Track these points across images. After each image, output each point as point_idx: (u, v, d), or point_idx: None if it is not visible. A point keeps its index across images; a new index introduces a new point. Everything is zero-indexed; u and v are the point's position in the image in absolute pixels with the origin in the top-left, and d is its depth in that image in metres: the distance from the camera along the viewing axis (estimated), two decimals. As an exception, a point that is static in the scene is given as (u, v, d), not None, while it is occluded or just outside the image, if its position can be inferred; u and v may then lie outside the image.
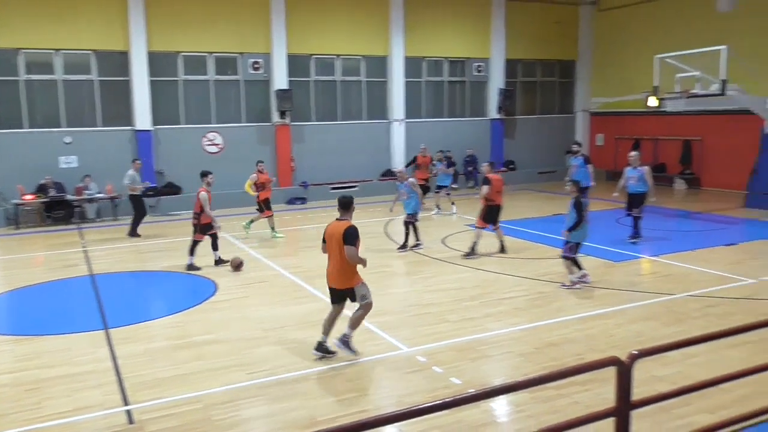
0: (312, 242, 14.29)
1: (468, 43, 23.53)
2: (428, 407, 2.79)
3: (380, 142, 22.48)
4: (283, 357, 7.39)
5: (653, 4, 22.69)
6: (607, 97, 25.00)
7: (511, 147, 24.80)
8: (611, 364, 3.24)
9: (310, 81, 21.35)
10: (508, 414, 5.97)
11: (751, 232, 14.54)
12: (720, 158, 21.02)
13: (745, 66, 16.78)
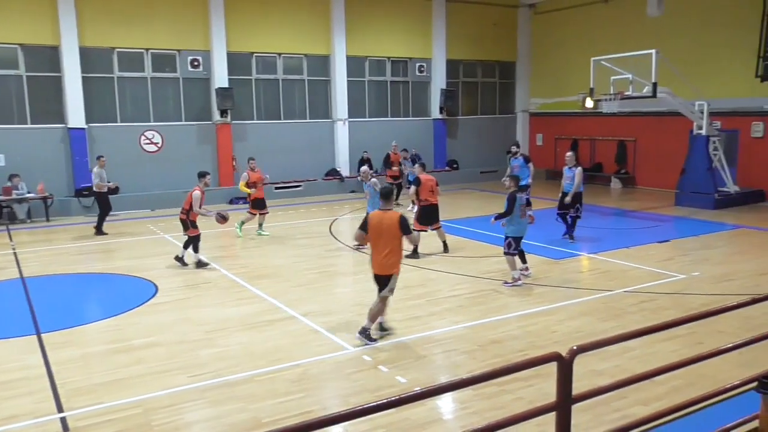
0: (255, 243, 14.14)
1: (410, 44, 23.68)
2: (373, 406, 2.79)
3: (324, 141, 22.38)
4: (226, 359, 7.26)
5: (588, 8, 23.35)
6: (545, 98, 25.62)
7: (453, 146, 25.11)
8: (552, 359, 3.31)
9: (251, 79, 21.06)
10: (453, 411, 6.04)
11: (682, 230, 15.14)
12: (653, 158, 21.81)
13: (673, 69, 17.46)
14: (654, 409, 4.53)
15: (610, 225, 15.92)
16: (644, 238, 13.73)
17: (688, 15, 20.13)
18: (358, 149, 22.45)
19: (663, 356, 6.73)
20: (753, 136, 19.03)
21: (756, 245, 13.09)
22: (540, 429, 4.96)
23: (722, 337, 7.26)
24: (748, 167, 19.08)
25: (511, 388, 6.20)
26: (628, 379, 3.88)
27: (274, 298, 9.66)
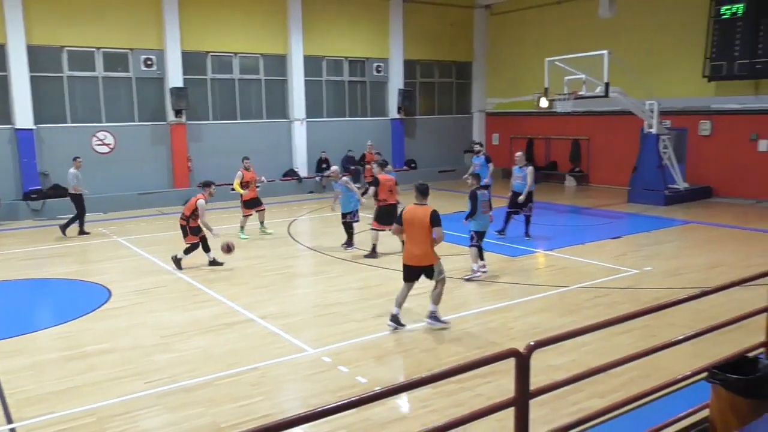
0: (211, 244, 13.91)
1: (367, 43, 23.68)
2: (334, 407, 2.77)
3: (281, 141, 22.19)
4: (183, 364, 7.13)
5: (542, 9, 23.72)
6: (501, 98, 25.94)
7: (411, 146, 25.20)
8: (510, 356, 3.33)
9: (206, 79, 20.75)
10: (414, 410, 6.05)
11: (634, 226, 15.50)
12: (606, 156, 22.29)
13: (625, 70, 17.88)
14: (610, 401, 4.62)
15: (566, 222, 16.21)
16: (598, 235, 14.01)
17: (638, 17, 20.62)
18: (316, 149, 22.35)
19: (618, 349, 6.87)
20: (701, 135, 19.61)
21: (705, 240, 13.49)
22: (499, 424, 5.01)
23: (674, 329, 7.46)
24: (696, 164, 19.66)
25: (470, 385, 6.24)
26: (584, 373, 3.94)
27: (231, 300, 9.53)
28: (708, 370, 4.47)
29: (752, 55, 17.59)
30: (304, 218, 17.18)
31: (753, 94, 18.26)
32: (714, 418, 4.40)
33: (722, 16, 18.26)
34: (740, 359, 4.56)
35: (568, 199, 20.12)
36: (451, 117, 26.65)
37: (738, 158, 18.68)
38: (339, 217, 12.99)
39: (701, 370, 4.57)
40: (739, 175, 18.66)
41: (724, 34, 18.26)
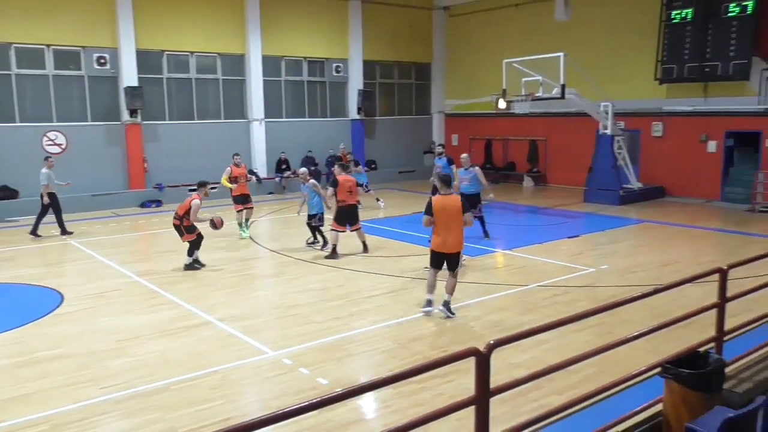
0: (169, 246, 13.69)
1: (326, 44, 23.61)
2: (295, 409, 2.74)
3: (240, 142, 21.88)
4: (139, 368, 6.99)
5: (499, 11, 24.01)
6: (460, 99, 26.15)
7: (372, 147, 25.22)
8: (470, 355, 3.35)
9: (162, 78, 20.39)
10: (375, 410, 6.05)
11: (590, 225, 15.81)
12: (562, 157, 22.68)
13: (580, 72, 18.23)
14: (568, 397, 4.69)
15: (524, 222, 16.44)
16: (556, 234, 14.24)
17: (593, 20, 21.05)
18: (276, 150, 22.18)
19: (576, 346, 6.99)
20: (653, 136, 20.12)
21: (658, 238, 13.84)
22: (460, 423, 5.05)
23: (629, 326, 7.61)
24: (649, 165, 20.16)
25: (431, 384, 6.27)
26: (543, 370, 3.99)
27: (190, 303, 9.38)
28: (661, 366, 4.58)
29: (701, 59, 18.13)
30: (264, 219, 17.02)
31: (702, 97, 18.83)
32: (667, 412, 4.51)
33: (672, 21, 18.78)
34: (692, 354, 4.69)
35: (526, 199, 20.41)
36: (411, 118, 26.76)
37: (689, 159, 19.23)
38: (299, 219, 12.92)
39: (655, 365, 4.69)
40: (690, 175, 19.21)
41: (674, 38, 18.78)
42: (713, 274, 5.11)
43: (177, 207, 11.57)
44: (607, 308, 4.37)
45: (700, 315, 5.18)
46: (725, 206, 17.98)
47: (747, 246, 12.81)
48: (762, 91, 17.54)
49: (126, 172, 19.65)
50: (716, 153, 18.77)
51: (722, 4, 17.66)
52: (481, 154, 25.44)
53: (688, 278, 5.07)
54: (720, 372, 4.59)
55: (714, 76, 18.06)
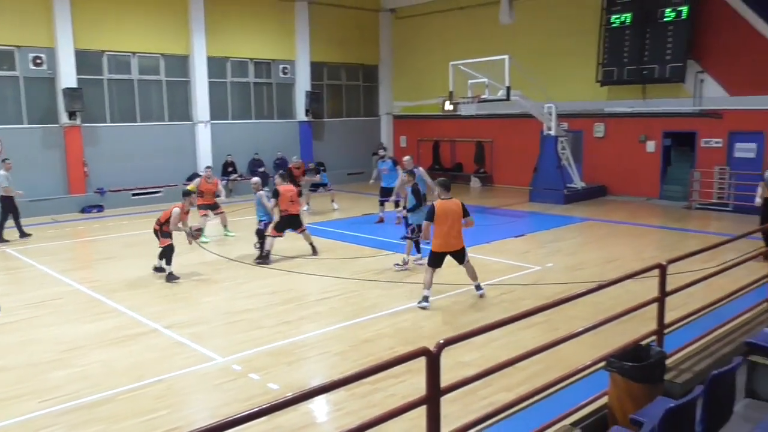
0: (111, 253, 13.32)
1: (273, 45, 23.38)
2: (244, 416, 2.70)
3: (184, 144, 21.52)
4: (82, 379, 6.76)
5: (445, 14, 24.24)
6: (408, 101, 26.29)
7: (319, 149, 25.08)
8: (421, 355, 3.36)
9: (103, 79, 19.81)
10: (327, 413, 6.02)
11: (536, 224, 16.11)
12: (508, 158, 23.05)
13: (525, 74, 18.57)
14: (517, 394, 4.77)
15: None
16: (503, 233, 14.45)
17: (537, 24, 21.47)
18: (222, 152, 21.83)
19: (524, 343, 7.08)
20: (595, 136, 20.66)
21: (601, 236, 14.21)
22: (412, 423, 5.06)
23: (575, 322, 7.78)
24: (591, 165, 20.69)
25: (383, 385, 6.27)
26: (492, 368, 4.04)
27: (134, 311, 9.14)
28: (606, 359, 4.70)
29: (639, 62, 18.72)
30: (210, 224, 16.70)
31: (641, 98, 19.44)
32: (612, 404, 4.63)
33: (612, 25, 19.32)
34: (635, 347, 4.83)
35: (473, 199, 20.63)
36: (359, 120, 26.76)
37: (629, 158, 19.82)
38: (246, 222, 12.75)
39: (600, 359, 4.80)
40: (631, 175, 19.79)
41: (614, 41, 19.32)
42: (653, 270, 5.27)
43: (160, 215, 11.24)
44: (553, 305, 4.45)
45: (642, 309, 5.33)
46: (664, 204, 18.61)
47: (685, 242, 13.28)
48: (696, 92, 18.23)
49: (65, 176, 19.02)
50: (655, 153, 19.41)
51: (659, 9, 18.28)
52: (429, 155, 25.64)
53: (630, 274, 5.21)
54: (661, 364, 4.74)
55: (652, 78, 18.67)
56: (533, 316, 4.40)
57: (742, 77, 17.32)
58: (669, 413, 3.46)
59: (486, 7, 22.48)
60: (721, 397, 4.01)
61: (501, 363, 4.10)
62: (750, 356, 5.37)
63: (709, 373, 3.98)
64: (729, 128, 17.69)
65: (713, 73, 17.93)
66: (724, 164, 17.74)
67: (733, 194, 17.28)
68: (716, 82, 17.91)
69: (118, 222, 17.11)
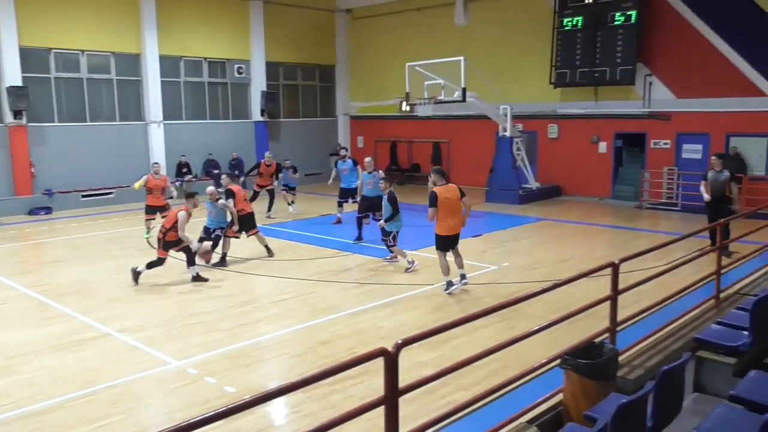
0: (60, 256, 12.95)
1: (227, 44, 23.07)
2: (201, 420, 2.64)
3: (137, 145, 21.04)
4: (29, 386, 6.54)
5: (401, 15, 24.32)
6: (365, 102, 26.29)
7: (276, 149, 24.71)
8: (379, 355, 3.36)
9: (50, 78, 19.22)
10: (285, 416, 5.96)
11: (493, 224, 16.28)
12: (465, 158, 23.25)
13: (480, 76, 18.77)
14: (474, 392, 4.81)
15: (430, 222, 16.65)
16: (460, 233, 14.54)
17: (490, 26, 21.73)
18: (176, 153, 21.44)
19: (481, 342, 7.17)
20: (549, 137, 21.02)
21: (556, 235, 14.46)
22: (371, 424, 5.05)
23: (531, 320, 7.92)
24: (546, 165, 21.04)
25: (341, 387, 6.25)
26: (450, 367, 4.06)
27: (85, 315, 8.90)
28: (561, 357, 4.78)
29: (591, 64, 19.13)
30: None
31: (593, 100, 19.87)
32: (567, 401, 4.71)
33: (564, 28, 19.69)
34: (588, 345, 4.92)
35: (430, 199, 20.73)
36: (316, 120, 26.63)
37: (582, 159, 20.23)
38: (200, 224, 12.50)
39: (555, 357, 4.88)
40: (584, 175, 20.20)
41: (566, 44, 19.69)
42: (606, 268, 5.38)
43: (163, 220, 10.80)
44: (510, 304, 4.50)
45: (595, 307, 5.44)
46: (616, 204, 19.05)
47: (636, 241, 13.62)
48: (646, 95, 18.73)
49: (11, 177, 18.39)
50: (607, 153, 19.86)
51: (609, 12, 18.71)
52: (387, 155, 25.70)
53: (584, 273, 5.31)
54: (614, 361, 4.84)
55: (603, 80, 19.09)
56: (490, 315, 4.44)
57: (688, 80, 17.87)
58: (621, 409, 3.53)
59: (442, 8, 22.65)
60: (671, 392, 4.12)
61: (459, 362, 4.12)
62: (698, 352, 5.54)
63: (660, 368, 4.09)
64: (677, 130, 18.24)
65: (661, 76, 18.45)
66: (673, 165, 18.27)
67: (681, 194, 17.81)
68: (664, 85, 18.43)
69: (68, 224, 16.65)
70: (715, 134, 17.46)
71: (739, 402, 4.34)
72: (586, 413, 4.21)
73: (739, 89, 16.93)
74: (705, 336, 5.62)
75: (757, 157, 16.98)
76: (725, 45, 17.16)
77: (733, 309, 6.36)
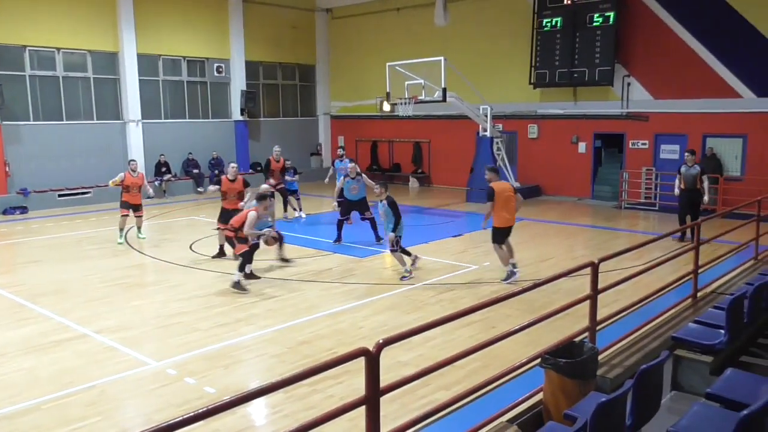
0: (36, 256, 12.76)
1: (206, 43, 22.90)
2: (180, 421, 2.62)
3: (115, 144, 20.81)
4: (4, 389, 6.43)
5: (381, 15, 24.33)
6: (345, 102, 26.25)
7: (256, 149, 24.71)
8: (359, 355, 3.35)
9: (25, 75, 18.93)
10: (265, 416, 5.93)
11: (473, 224, 16.31)
12: (446, 158, 23.32)
13: (460, 76, 18.84)
14: (455, 392, 4.81)
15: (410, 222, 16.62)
16: (440, 233, 14.62)
17: (470, 26, 21.81)
18: (155, 152, 21.25)
19: (461, 342, 7.19)
20: (529, 137, 21.15)
21: (535, 235, 14.54)
22: (352, 424, 5.05)
23: (511, 320, 7.96)
24: (526, 165, 21.16)
25: (321, 387, 6.23)
26: (430, 367, 4.06)
27: (61, 316, 8.77)
28: (540, 356, 4.80)
29: (570, 65, 19.28)
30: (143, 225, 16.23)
31: (572, 101, 20.03)
32: (547, 401, 4.73)
33: (544, 28, 19.83)
34: (568, 344, 4.95)
35: (411, 199, 20.78)
36: (296, 119, 26.54)
37: (561, 159, 20.37)
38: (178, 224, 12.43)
39: (535, 356, 4.90)
40: (563, 175, 20.35)
41: (545, 44, 19.83)
42: (585, 268, 5.42)
43: (232, 220, 10.67)
44: (490, 304, 4.51)
45: (575, 306, 5.48)
46: (595, 204, 19.22)
47: (615, 240, 13.75)
48: (624, 95, 18.93)
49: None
50: (586, 154, 20.03)
51: (587, 14, 18.87)
52: (368, 155, 25.68)
53: (563, 272, 5.34)
54: (594, 360, 4.88)
55: (582, 81, 19.25)
56: (470, 314, 4.45)
57: (665, 81, 18.10)
58: (600, 408, 3.56)
59: (422, 8, 22.70)
60: (649, 391, 4.16)
61: (439, 362, 4.13)
62: (676, 350, 5.60)
63: (638, 367, 4.12)
64: (655, 130, 18.45)
65: (639, 77, 18.66)
66: (651, 165, 18.48)
67: (660, 194, 18.02)
68: (642, 86, 18.63)
69: (43, 224, 16.41)
70: (692, 135, 17.69)
71: (716, 400, 4.40)
72: (566, 412, 4.24)
73: (715, 91, 17.18)
74: (682, 335, 5.68)
75: (732, 157, 17.25)
76: (702, 47, 17.40)
77: (710, 308, 6.44)
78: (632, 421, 4.00)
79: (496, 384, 4.89)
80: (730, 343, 5.47)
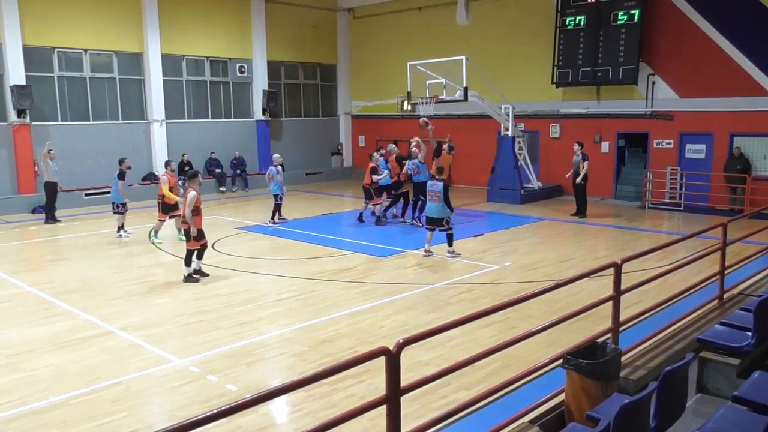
0: (63, 254, 12.98)
1: (229, 43, 23.09)
2: (203, 418, 2.65)
3: (139, 144, 21.08)
4: (33, 384, 6.56)
5: (403, 14, 24.31)
6: (366, 101, 26.28)
7: (278, 148, 24.76)
8: (380, 354, 3.36)
9: (54, 77, 19.24)
10: (287, 414, 5.97)
11: (494, 224, 16.28)
12: (466, 158, 23.19)
13: (481, 75, 18.76)
14: (476, 392, 4.81)
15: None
16: (461, 233, 14.53)
17: (492, 25, 21.70)
18: (178, 152, 21.44)
19: (482, 342, 7.17)
20: (551, 137, 20.99)
21: (557, 235, 14.45)
22: (372, 423, 5.06)
23: (532, 320, 7.92)
24: (548, 165, 21.01)
25: (342, 386, 6.25)
26: (451, 367, 4.06)
27: (88, 313, 8.91)
28: (562, 357, 4.78)
29: (594, 64, 19.10)
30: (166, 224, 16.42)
31: (595, 100, 19.84)
32: (569, 402, 4.70)
33: (567, 27, 19.66)
34: (590, 345, 4.92)
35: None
36: (317, 119, 26.63)
37: (584, 159, 20.16)
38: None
39: (556, 357, 4.88)
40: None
41: (568, 43, 19.66)
42: (608, 269, 5.37)
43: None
44: (511, 304, 4.50)
45: (597, 307, 5.43)
46: (618, 203, 19.02)
47: (638, 241, 13.60)
48: (648, 94, 18.70)
49: (15, 175, 18.43)
50: (609, 153, 19.83)
51: (612, 12, 18.68)
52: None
53: (586, 273, 5.30)
54: (617, 361, 4.83)
55: (605, 80, 19.05)
56: (491, 314, 4.44)
57: (691, 80, 17.84)
58: (624, 409, 3.53)
59: (443, 7, 22.64)
60: (673, 393, 4.11)
61: (460, 362, 4.13)
62: (701, 352, 5.53)
63: (663, 369, 4.08)
64: (680, 130, 18.20)
65: (664, 76, 18.41)
66: (676, 165, 18.24)
67: (685, 194, 17.77)
68: (667, 85, 18.39)
69: (70, 223, 16.67)
70: (719, 134, 17.43)
71: (743, 403, 4.33)
72: (589, 413, 4.21)
73: (743, 89, 16.89)
74: (708, 337, 5.61)
75: (761, 157, 16.95)
76: (729, 44, 17.11)
77: (737, 309, 6.35)
78: (656, 424, 3.96)
79: (517, 384, 4.87)
80: (757, 346, 5.38)
